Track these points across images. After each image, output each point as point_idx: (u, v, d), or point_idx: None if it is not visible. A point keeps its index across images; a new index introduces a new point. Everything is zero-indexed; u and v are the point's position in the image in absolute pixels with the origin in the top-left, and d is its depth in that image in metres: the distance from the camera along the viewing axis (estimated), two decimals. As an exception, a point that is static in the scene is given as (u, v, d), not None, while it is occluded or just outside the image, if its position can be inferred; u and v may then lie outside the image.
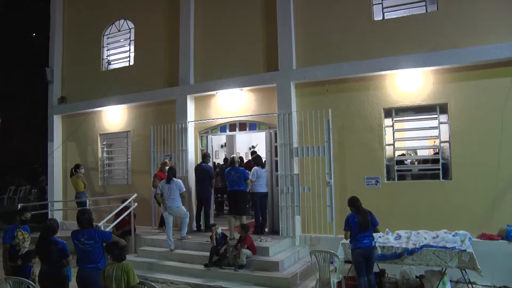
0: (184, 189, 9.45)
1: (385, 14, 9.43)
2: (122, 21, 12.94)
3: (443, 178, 8.62)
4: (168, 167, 10.16)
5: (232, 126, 10.75)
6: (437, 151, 8.90)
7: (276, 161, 9.92)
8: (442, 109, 8.75)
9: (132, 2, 12.57)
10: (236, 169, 9.50)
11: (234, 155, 10.94)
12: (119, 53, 13.03)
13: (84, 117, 13.11)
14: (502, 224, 7.95)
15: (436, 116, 8.82)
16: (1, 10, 22.24)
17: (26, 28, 23.58)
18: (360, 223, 6.54)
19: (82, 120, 13.13)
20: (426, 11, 9.06)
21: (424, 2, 9.12)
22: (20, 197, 20.87)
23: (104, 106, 12.58)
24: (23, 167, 23.05)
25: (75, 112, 13.29)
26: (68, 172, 12.46)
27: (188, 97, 10.96)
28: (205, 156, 10.48)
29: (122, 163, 12.77)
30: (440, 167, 8.66)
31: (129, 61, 12.74)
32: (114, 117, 12.64)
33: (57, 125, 13.67)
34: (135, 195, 10.25)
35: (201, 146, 11.16)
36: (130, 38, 12.74)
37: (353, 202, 6.79)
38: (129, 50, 12.75)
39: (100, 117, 12.95)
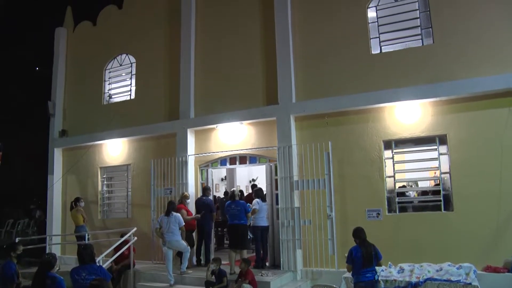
0: (184, 223, 9.36)
1: (382, 47, 9.61)
2: (123, 55, 13.16)
3: (445, 210, 8.57)
4: (188, 200, 10.31)
5: (232, 159, 10.77)
6: (438, 182, 8.88)
7: (277, 194, 9.89)
8: (442, 140, 8.80)
9: (134, 37, 12.82)
10: (236, 202, 9.45)
11: (234, 189, 10.90)
12: (120, 87, 13.20)
13: (85, 151, 13.15)
14: (507, 256, 7.83)
15: (435, 147, 8.85)
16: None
17: (28, 61, 23.92)
18: (363, 257, 6.40)
19: (83, 153, 13.17)
20: (422, 44, 9.24)
21: (420, 36, 9.32)
22: (18, 230, 20.62)
23: (104, 139, 12.64)
24: (23, 200, 22.91)
25: (75, 145, 13.33)
26: (67, 205, 12.40)
27: (189, 130, 11.04)
28: (206, 190, 10.47)
29: (122, 197, 12.71)
30: (442, 198, 8.63)
31: (130, 95, 12.89)
32: (115, 150, 12.68)
33: (58, 158, 13.69)
34: (135, 229, 10.14)
35: (201, 180, 11.16)
36: (131, 72, 12.94)
37: (358, 233, 6.63)
38: (130, 84, 12.92)
39: (100, 150, 12.99)
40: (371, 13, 9.76)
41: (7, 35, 23.36)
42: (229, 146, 10.77)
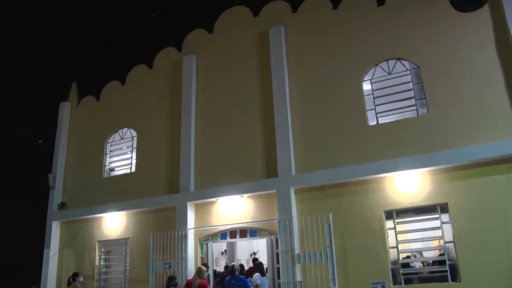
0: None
1: (379, 119, 9.85)
2: (125, 129, 13.43)
3: (452, 280, 8.35)
4: (206, 273, 9.63)
5: (233, 233, 10.67)
6: (443, 252, 8.72)
7: (278, 268, 9.68)
8: (443, 208, 8.76)
9: (136, 111, 13.18)
10: (236, 277, 9.27)
11: (234, 263, 10.73)
12: (121, 160, 13.33)
13: (83, 224, 13.00)
14: (520, 331, 7.53)
15: (437, 216, 8.78)
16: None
17: (30, 133, 24.27)
18: None
19: (81, 226, 13.01)
20: (418, 114, 9.49)
21: (415, 106, 9.58)
22: (7, 308, 19.84)
23: (104, 212, 12.53)
24: (16, 276, 22.28)
25: (74, 218, 13.19)
26: (63, 280, 12.05)
27: (189, 204, 11.02)
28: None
29: (120, 271, 12.37)
30: (448, 268, 8.42)
31: (130, 168, 12.99)
32: (114, 223, 12.55)
33: (55, 231, 13.49)
34: (132, 306, 9.83)
35: (201, 254, 10.95)
36: (132, 145, 13.14)
37: None
38: (131, 157, 13.06)
39: (99, 224, 12.84)
40: (366, 86, 10.13)
41: (11, 108, 23.92)
42: (229, 219, 10.71)
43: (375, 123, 9.81)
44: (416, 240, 9.39)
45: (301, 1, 11.34)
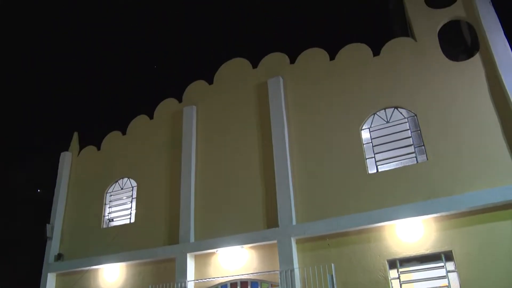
0: None
1: (378, 167, 9.88)
2: (125, 179, 13.42)
3: (461, 333, 8.08)
4: None
5: (233, 285, 10.41)
6: (451, 303, 8.48)
7: (282, 322, 9.37)
8: (448, 257, 8.62)
9: (136, 161, 13.23)
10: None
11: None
12: (121, 211, 13.22)
13: (80, 276, 12.68)
14: None
15: (442, 264, 8.62)
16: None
17: (29, 183, 24.15)
18: None
19: (78, 278, 12.69)
20: (417, 161, 9.54)
21: (414, 154, 9.65)
22: None
23: (102, 264, 12.26)
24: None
25: (71, 270, 12.87)
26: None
27: (188, 255, 10.84)
28: None
29: (116, 328, 11.97)
30: (459, 322, 8.18)
31: (130, 218, 12.86)
32: (111, 276, 12.24)
33: (51, 283, 13.09)
34: None
35: (201, 307, 10.65)
36: (132, 195, 13.08)
37: None
38: (131, 208, 12.96)
39: (96, 276, 12.52)
40: (365, 134, 10.26)
41: (11, 157, 23.97)
42: (229, 271, 10.49)
43: (375, 171, 9.85)
44: (422, 290, 9.15)
45: (299, 53, 11.70)
